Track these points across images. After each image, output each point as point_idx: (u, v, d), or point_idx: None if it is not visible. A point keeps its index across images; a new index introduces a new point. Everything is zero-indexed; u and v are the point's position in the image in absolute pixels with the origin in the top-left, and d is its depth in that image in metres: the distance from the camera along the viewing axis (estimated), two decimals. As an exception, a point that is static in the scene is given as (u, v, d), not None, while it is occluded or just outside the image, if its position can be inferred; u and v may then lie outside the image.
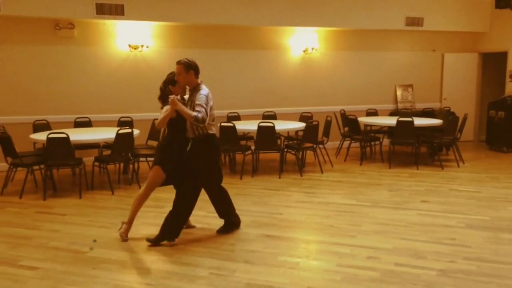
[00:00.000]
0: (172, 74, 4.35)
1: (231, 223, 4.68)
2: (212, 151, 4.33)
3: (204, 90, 4.22)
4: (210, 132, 4.29)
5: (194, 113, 4.04)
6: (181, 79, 4.25)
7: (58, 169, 7.19)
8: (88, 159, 6.73)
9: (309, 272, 3.73)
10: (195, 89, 4.25)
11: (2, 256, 4.04)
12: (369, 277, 3.61)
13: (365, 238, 4.44)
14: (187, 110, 4.09)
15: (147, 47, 8.03)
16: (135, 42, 7.92)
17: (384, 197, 5.88)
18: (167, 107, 4.18)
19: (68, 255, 4.06)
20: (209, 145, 4.29)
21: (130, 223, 4.43)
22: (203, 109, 4.08)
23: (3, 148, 5.95)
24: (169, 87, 4.34)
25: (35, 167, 6.27)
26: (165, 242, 4.28)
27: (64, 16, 7.30)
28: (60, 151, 5.78)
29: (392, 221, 4.94)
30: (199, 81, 4.30)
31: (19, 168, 6.27)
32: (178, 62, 4.26)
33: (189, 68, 4.24)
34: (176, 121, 4.21)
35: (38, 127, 6.99)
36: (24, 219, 5.07)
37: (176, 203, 4.30)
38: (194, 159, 4.28)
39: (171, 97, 4.07)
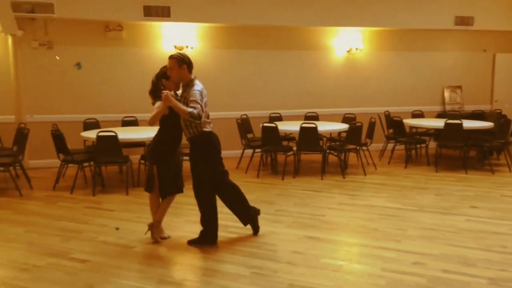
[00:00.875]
0: (165, 68, 4.16)
1: (255, 220, 4.55)
2: (209, 149, 4.15)
3: (198, 86, 4.04)
4: (205, 129, 4.11)
5: (189, 109, 3.86)
6: (174, 74, 4.07)
7: (106, 166, 7.44)
8: (134, 157, 6.92)
9: (353, 275, 3.68)
10: (188, 84, 4.08)
11: (55, 248, 4.23)
12: (415, 283, 3.51)
13: (410, 243, 4.33)
14: (181, 106, 3.91)
15: (192, 48, 8.17)
16: (180, 43, 8.08)
17: (430, 201, 5.71)
18: (159, 103, 4.00)
19: (116, 249, 4.20)
20: (206, 144, 4.13)
21: (159, 222, 4.35)
22: (198, 105, 3.90)
23: (56, 145, 6.22)
24: (162, 81, 4.15)
25: (85, 164, 6.51)
26: None
27: (113, 19, 7.57)
28: (109, 149, 5.99)
29: (439, 226, 4.79)
30: (192, 76, 4.12)
31: (70, 165, 6.53)
32: (171, 57, 4.08)
33: (182, 62, 4.05)
34: (169, 118, 4.04)
35: (88, 125, 7.26)
36: (75, 214, 5.29)
37: (200, 208, 4.28)
38: (193, 160, 4.18)
39: (165, 92, 3.87)
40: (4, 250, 4.18)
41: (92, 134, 6.31)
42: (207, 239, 4.31)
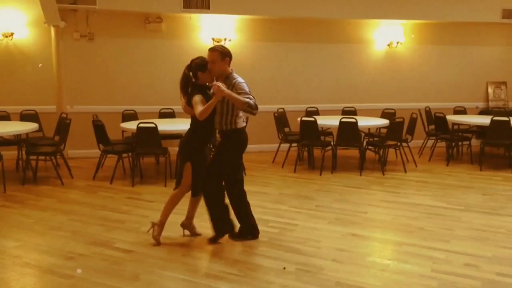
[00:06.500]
0: (199, 59, 3.95)
1: (250, 226, 4.25)
2: (237, 146, 4.04)
3: (240, 78, 3.92)
4: (239, 126, 3.99)
5: (246, 99, 3.75)
6: (216, 67, 3.88)
7: (143, 158, 7.49)
8: (171, 149, 6.92)
9: (402, 275, 3.55)
10: (229, 77, 3.92)
11: (98, 238, 4.26)
12: (469, 285, 3.37)
13: (460, 243, 4.17)
14: (237, 96, 3.76)
15: (230, 40, 8.11)
16: (219, 35, 8.03)
17: (477, 201, 5.50)
18: (199, 97, 3.81)
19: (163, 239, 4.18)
20: (236, 140, 4.02)
21: (162, 225, 4.10)
22: (251, 96, 3.80)
23: (97, 135, 6.29)
24: (198, 73, 3.93)
25: (124, 155, 6.56)
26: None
27: (153, 10, 7.59)
28: (149, 140, 6.02)
29: (489, 227, 4.59)
30: (230, 69, 3.98)
31: (108, 155, 6.59)
32: (212, 49, 3.91)
33: (225, 55, 3.90)
34: None
35: (127, 116, 7.30)
36: (115, 204, 5.33)
37: (206, 199, 4.10)
38: (218, 151, 4.09)
39: (216, 83, 3.72)
40: (50, 238, 4.24)
41: (131, 125, 6.35)
42: (222, 232, 4.15)
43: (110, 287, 3.33)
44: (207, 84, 4.00)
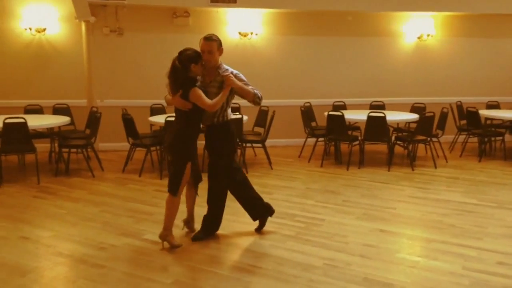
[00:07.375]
0: (191, 51, 3.74)
1: (262, 207, 4.23)
2: (230, 137, 4.00)
3: (232, 69, 3.87)
4: (229, 118, 3.96)
5: (255, 91, 3.75)
6: (214, 58, 3.76)
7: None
8: (199, 143, 6.95)
9: (432, 273, 3.49)
10: (220, 68, 3.85)
11: (128, 229, 4.35)
12: (502, 285, 3.28)
13: (493, 241, 4.06)
14: (246, 87, 3.77)
15: (256, 34, 8.10)
16: (245, 29, 8.03)
17: (510, 198, 5.34)
18: (200, 89, 3.71)
19: (186, 232, 4.23)
20: (227, 130, 3.96)
21: (170, 230, 3.94)
22: (253, 87, 3.81)
23: (126, 129, 6.39)
24: (191, 65, 3.72)
25: (152, 148, 6.66)
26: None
27: (181, 5, 7.64)
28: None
29: (523, 225, 4.47)
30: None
31: (137, 148, 6.69)
32: (210, 39, 3.75)
33: (220, 45, 3.82)
34: (197, 108, 3.75)
35: (155, 110, 7.39)
36: (144, 196, 5.42)
37: (211, 199, 4.11)
38: (216, 147, 4.00)
39: (228, 74, 3.69)
40: (82, 228, 4.35)
41: (159, 119, 6.43)
42: (210, 233, 4.15)
43: (139, 278, 3.40)
44: (198, 76, 3.85)
